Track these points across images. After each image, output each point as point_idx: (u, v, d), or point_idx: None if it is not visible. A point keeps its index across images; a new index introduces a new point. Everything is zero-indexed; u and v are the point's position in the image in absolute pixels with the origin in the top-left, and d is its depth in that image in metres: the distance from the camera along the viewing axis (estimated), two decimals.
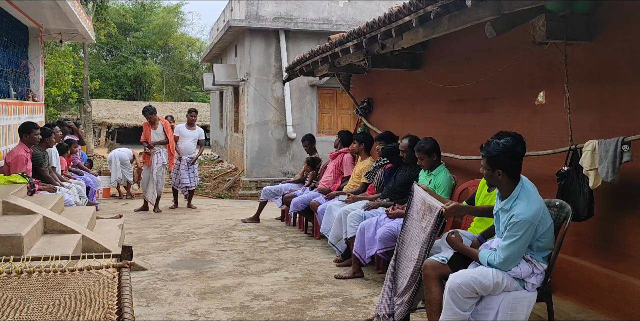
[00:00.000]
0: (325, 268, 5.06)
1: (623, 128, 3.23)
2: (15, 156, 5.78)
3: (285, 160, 13.21)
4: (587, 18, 3.47)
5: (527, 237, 2.83)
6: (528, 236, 2.83)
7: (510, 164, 2.89)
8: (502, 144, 2.89)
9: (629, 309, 3.22)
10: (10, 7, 7.29)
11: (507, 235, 2.86)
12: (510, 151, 2.89)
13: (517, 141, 2.92)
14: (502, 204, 2.97)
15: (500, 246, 2.90)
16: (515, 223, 2.82)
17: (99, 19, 20.14)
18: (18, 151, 5.84)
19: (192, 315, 3.83)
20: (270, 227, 7.08)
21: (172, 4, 43.78)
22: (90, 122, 23.85)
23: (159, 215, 8.08)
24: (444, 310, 2.94)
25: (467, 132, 4.95)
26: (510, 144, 2.89)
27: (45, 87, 11.53)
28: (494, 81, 4.39)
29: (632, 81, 3.27)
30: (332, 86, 12.24)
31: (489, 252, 2.97)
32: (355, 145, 6.12)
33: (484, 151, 2.98)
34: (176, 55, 37.65)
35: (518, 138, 2.93)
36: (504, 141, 2.91)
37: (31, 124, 6.11)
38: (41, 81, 9.20)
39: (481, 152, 3.00)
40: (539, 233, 2.88)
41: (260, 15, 13.13)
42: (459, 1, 3.18)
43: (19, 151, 5.83)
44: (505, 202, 2.95)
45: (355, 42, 4.99)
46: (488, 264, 2.92)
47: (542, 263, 2.95)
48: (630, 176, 3.21)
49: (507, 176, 2.92)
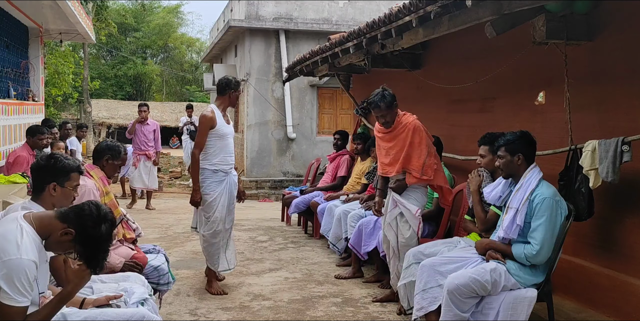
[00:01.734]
0: (325, 268, 5.06)
1: (623, 128, 3.23)
2: (17, 156, 5.80)
3: (285, 160, 13.21)
4: (587, 18, 3.46)
5: (555, 215, 2.92)
6: (556, 214, 2.93)
7: (527, 148, 3.12)
8: (519, 131, 3.17)
9: (629, 309, 3.22)
10: (10, 7, 7.29)
11: (535, 219, 2.93)
12: (526, 136, 3.15)
13: (528, 132, 3.19)
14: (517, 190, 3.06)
15: (530, 233, 2.94)
16: (540, 203, 2.93)
17: (99, 19, 20.15)
18: (21, 152, 5.87)
19: (192, 315, 3.83)
20: (270, 227, 7.09)
21: (172, 4, 43.76)
22: (90, 122, 23.85)
23: (159, 215, 8.08)
24: (443, 311, 2.95)
25: (467, 132, 4.94)
26: (525, 132, 3.18)
27: (45, 87, 11.53)
28: (494, 81, 4.39)
29: (632, 81, 3.27)
30: (332, 86, 12.23)
31: (522, 246, 2.98)
32: (356, 146, 6.10)
33: (501, 140, 3.17)
34: (176, 55, 37.63)
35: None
36: (517, 131, 3.18)
37: (37, 129, 6.17)
38: (41, 81, 9.20)
39: (497, 143, 3.19)
40: (563, 212, 2.96)
41: (260, 15, 13.12)
42: (459, 1, 3.17)
43: (22, 152, 5.86)
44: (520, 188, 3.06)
45: (355, 42, 4.99)
46: (526, 259, 2.95)
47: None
48: (630, 176, 3.21)
49: (525, 162, 3.11)
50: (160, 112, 31.13)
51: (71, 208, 2.23)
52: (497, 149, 3.17)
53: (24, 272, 2.02)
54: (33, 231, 2.13)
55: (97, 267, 2.23)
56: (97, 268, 2.24)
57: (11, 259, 2.02)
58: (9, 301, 2.01)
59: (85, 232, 2.15)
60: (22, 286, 2.02)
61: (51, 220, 2.17)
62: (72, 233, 2.14)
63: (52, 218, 2.18)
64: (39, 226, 2.15)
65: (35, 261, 2.07)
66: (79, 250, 2.19)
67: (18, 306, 2.03)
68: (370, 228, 4.55)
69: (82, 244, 2.17)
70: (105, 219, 2.21)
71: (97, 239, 2.17)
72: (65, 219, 2.16)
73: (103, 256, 2.23)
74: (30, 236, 2.10)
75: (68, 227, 2.15)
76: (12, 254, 2.03)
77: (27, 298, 2.05)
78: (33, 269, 2.06)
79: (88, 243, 2.17)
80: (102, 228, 2.18)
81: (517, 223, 2.97)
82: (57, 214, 2.19)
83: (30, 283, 2.05)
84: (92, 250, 2.19)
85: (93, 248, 2.19)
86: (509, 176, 3.15)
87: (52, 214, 2.20)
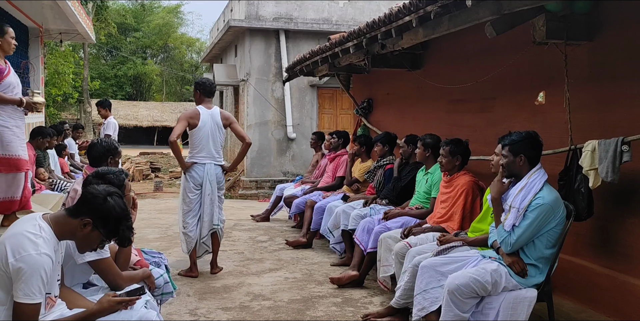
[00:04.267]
0: (325, 268, 5.06)
1: (623, 128, 3.23)
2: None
3: (285, 160, 13.21)
4: (587, 18, 3.46)
5: (542, 221, 2.92)
6: (544, 221, 2.92)
7: (531, 150, 3.07)
8: (525, 132, 3.12)
9: (629, 309, 3.22)
10: (10, 7, 7.29)
11: (525, 218, 2.93)
12: (532, 137, 3.10)
13: (535, 134, 3.13)
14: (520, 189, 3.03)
15: (515, 228, 2.96)
16: (535, 206, 2.91)
17: (99, 19, 20.17)
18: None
19: (192, 315, 3.83)
20: (271, 227, 7.08)
21: (172, 4, 43.84)
22: (90, 122, 23.85)
23: (159, 215, 8.08)
24: (443, 311, 2.95)
25: (467, 133, 4.94)
26: (531, 132, 3.12)
27: (45, 87, 11.53)
28: (494, 81, 4.39)
29: (632, 81, 3.27)
30: (332, 86, 12.24)
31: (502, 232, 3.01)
32: (356, 147, 6.10)
33: (505, 139, 3.14)
34: (176, 55, 37.65)
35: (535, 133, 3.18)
36: (524, 131, 3.12)
37: (43, 131, 6.20)
38: (41, 81, 9.20)
39: (502, 142, 3.15)
40: (556, 219, 2.94)
41: (260, 15, 13.13)
42: (459, 1, 3.18)
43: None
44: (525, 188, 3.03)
45: (355, 42, 5.00)
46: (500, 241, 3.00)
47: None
48: (630, 176, 3.21)
49: (528, 163, 3.07)
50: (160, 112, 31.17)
51: (76, 202, 2.27)
52: (502, 148, 3.16)
53: (41, 268, 2.05)
54: (50, 230, 2.17)
55: (126, 241, 2.30)
56: (126, 242, 2.31)
57: (30, 254, 2.05)
58: (24, 299, 2.03)
59: (99, 213, 2.19)
60: (38, 282, 2.05)
61: (66, 219, 2.21)
62: (90, 222, 2.18)
63: (65, 217, 2.22)
64: (56, 225, 2.19)
65: (51, 257, 2.10)
66: (105, 233, 2.22)
67: (33, 303, 2.05)
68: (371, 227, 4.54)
69: (103, 227, 2.21)
70: (109, 193, 2.24)
71: (112, 213, 2.21)
72: (78, 213, 2.20)
73: (126, 227, 2.27)
74: (48, 235, 2.14)
75: (83, 219, 2.19)
76: (31, 250, 2.06)
77: (42, 294, 2.07)
78: (50, 265, 2.09)
79: (107, 221, 2.20)
80: (110, 201, 2.21)
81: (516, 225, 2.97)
82: (67, 212, 2.24)
83: (47, 279, 2.08)
84: (115, 225, 2.22)
85: (114, 223, 2.22)
86: (511, 175, 3.14)
87: (64, 213, 2.24)
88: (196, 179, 4.63)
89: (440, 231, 3.83)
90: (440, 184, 4.16)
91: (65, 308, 2.32)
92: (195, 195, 4.65)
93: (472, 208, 3.91)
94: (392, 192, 4.96)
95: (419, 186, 4.54)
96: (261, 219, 7.43)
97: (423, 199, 4.44)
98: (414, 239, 3.79)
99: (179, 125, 4.58)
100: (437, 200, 4.13)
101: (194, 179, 4.63)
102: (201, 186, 4.65)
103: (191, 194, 4.64)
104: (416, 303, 3.18)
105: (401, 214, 4.41)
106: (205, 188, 4.65)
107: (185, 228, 4.68)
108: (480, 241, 3.36)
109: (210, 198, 4.67)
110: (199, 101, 4.75)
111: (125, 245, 2.37)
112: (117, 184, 2.71)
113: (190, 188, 4.63)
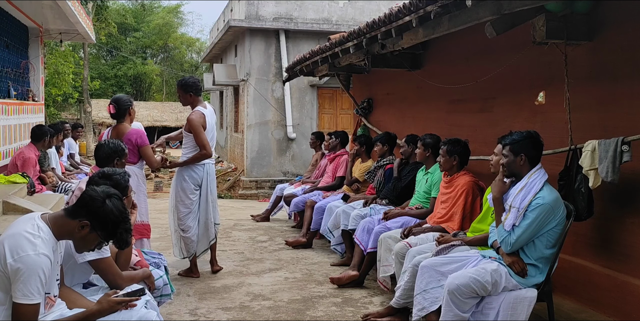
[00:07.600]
0: (325, 268, 5.06)
1: (623, 128, 3.23)
2: (26, 157, 5.83)
3: (285, 160, 13.21)
4: (587, 18, 3.46)
5: (543, 221, 2.92)
6: (544, 220, 2.92)
7: (532, 149, 3.07)
8: (525, 132, 3.12)
9: (629, 309, 3.22)
10: (10, 7, 7.29)
11: (527, 216, 2.92)
12: (533, 136, 3.10)
13: (536, 133, 3.13)
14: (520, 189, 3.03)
15: (515, 227, 2.95)
16: (535, 206, 2.91)
17: (99, 19, 20.17)
18: (29, 153, 5.89)
19: (192, 315, 3.83)
20: (271, 227, 7.08)
21: (172, 4, 43.76)
22: (90, 122, 23.85)
23: (159, 215, 8.07)
24: (443, 311, 2.95)
25: (467, 133, 4.94)
26: (532, 132, 3.13)
27: (45, 87, 11.54)
28: (494, 81, 4.39)
29: (632, 81, 3.27)
30: (332, 86, 12.24)
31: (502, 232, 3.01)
32: (357, 147, 6.09)
33: (506, 139, 3.14)
34: (176, 55, 37.63)
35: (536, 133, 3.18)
36: (525, 131, 3.13)
37: (48, 130, 6.21)
38: (41, 81, 9.20)
39: (503, 141, 3.15)
40: (556, 219, 2.94)
41: (260, 15, 13.13)
42: (459, 1, 3.17)
43: (30, 154, 5.89)
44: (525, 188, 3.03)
45: (355, 42, 4.99)
46: (500, 241, 3.00)
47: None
48: (630, 176, 3.21)
49: (529, 163, 3.06)
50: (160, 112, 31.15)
51: (75, 203, 2.26)
52: (502, 148, 3.16)
53: (40, 268, 2.05)
54: (49, 230, 2.17)
55: (124, 244, 2.29)
56: (124, 245, 2.29)
57: (28, 255, 2.05)
58: (23, 300, 2.03)
59: (98, 216, 2.18)
60: (37, 282, 2.05)
61: (64, 220, 2.21)
62: (88, 224, 2.18)
63: (64, 218, 2.21)
64: (54, 225, 2.19)
65: (50, 257, 2.10)
66: (103, 235, 2.22)
67: (32, 303, 2.05)
68: (371, 227, 4.54)
69: (101, 229, 2.20)
70: (108, 195, 2.24)
71: (110, 216, 2.20)
72: (76, 214, 2.19)
73: (125, 229, 2.26)
74: (46, 235, 2.14)
75: (81, 220, 2.18)
76: (29, 250, 2.06)
77: (41, 295, 2.07)
78: (48, 266, 2.09)
79: (105, 224, 2.20)
80: (108, 204, 2.20)
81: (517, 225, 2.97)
82: (65, 213, 2.23)
83: (46, 280, 2.08)
84: (113, 228, 2.21)
85: (112, 226, 2.21)
86: (512, 175, 3.14)
87: (62, 213, 2.24)
88: (196, 180, 4.60)
89: (440, 231, 3.83)
90: (441, 184, 4.16)
91: (65, 308, 2.32)
92: (196, 196, 4.62)
93: (472, 208, 3.91)
94: (392, 192, 4.96)
95: (419, 186, 4.54)
96: (261, 219, 7.44)
97: (423, 199, 4.44)
98: (414, 239, 3.80)
99: (203, 135, 4.46)
100: (437, 200, 4.13)
101: (194, 179, 4.60)
102: (200, 187, 4.64)
103: (192, 196, 4.59)
104: (416, 303, 3.18)
105: (401, 214, 4.41)
106: (207, 188, 4.64)
107: (186, 232, 4.62)
108: (478, 241, 3.36)
109: (211, 198, 4.66)
110: (194, 102, 4.59)
111: (123, 248, 2.36)
112: (123, 185, 2.71)
113: (191, 189, 4.59)
